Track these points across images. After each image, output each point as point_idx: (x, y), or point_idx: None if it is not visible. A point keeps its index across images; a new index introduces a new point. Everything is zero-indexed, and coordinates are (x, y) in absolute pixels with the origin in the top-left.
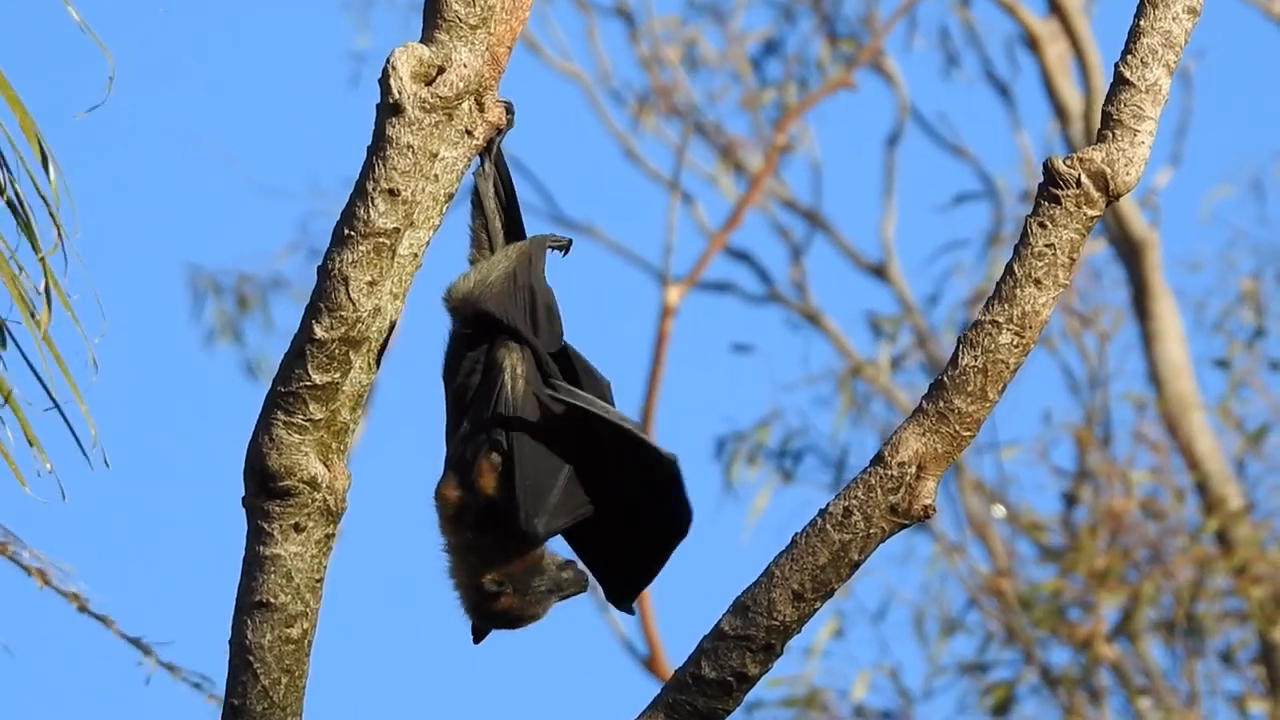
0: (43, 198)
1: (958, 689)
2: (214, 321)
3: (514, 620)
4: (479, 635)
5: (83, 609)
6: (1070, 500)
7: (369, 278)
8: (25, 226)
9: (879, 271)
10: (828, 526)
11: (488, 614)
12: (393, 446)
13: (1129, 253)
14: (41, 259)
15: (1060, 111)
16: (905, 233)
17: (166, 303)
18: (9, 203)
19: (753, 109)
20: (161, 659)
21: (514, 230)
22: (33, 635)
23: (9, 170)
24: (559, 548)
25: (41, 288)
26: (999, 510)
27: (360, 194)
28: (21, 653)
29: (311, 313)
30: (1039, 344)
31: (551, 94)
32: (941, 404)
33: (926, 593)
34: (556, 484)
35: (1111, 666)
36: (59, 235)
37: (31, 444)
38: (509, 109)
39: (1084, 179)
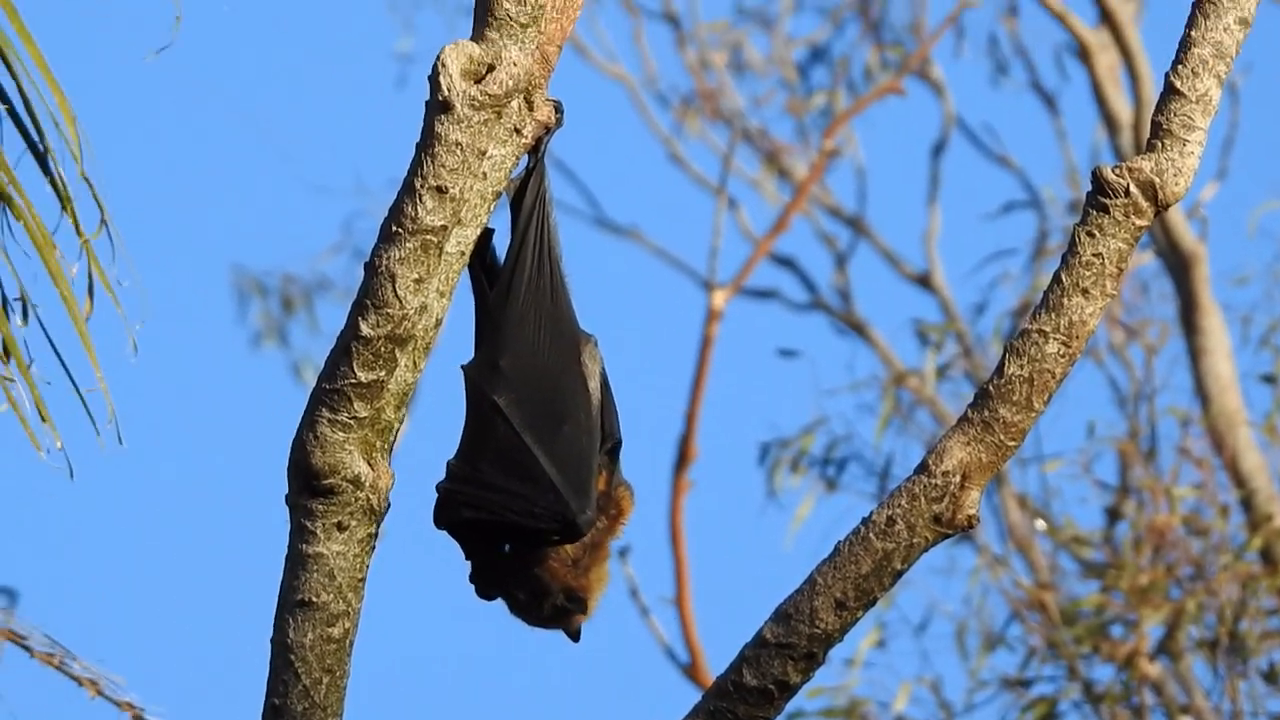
0: (86, 180)
1: (999, 703)
2: (259, 323)
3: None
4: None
5: (138, 718)
6: (1113, 515)
7: (416, 275)
8: (67, 206)
9: (923, 280)
10: (871, 535)
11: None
12: (436, 445)
13: (1177, 266)
14: (85, 241)
15: (1109, 121)
16: (950, 242)
17: (212, 303)
18: (53, 183)
19: (798, 115)
20: None
21: (515, 225)
22: None
23: (53, 155)
24: None
25: (71, 269)
26: (1041, 524)
27: (409, 191)
28: None
29: (358, 309)
30: (1085, 356)
31: (597, 96)
32: (987, 413)
33: (968, 605)
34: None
35: (1154, 684)
36: (103, 218)
37: (44, 420)
38: (558, 108)
39: (1133, 188)
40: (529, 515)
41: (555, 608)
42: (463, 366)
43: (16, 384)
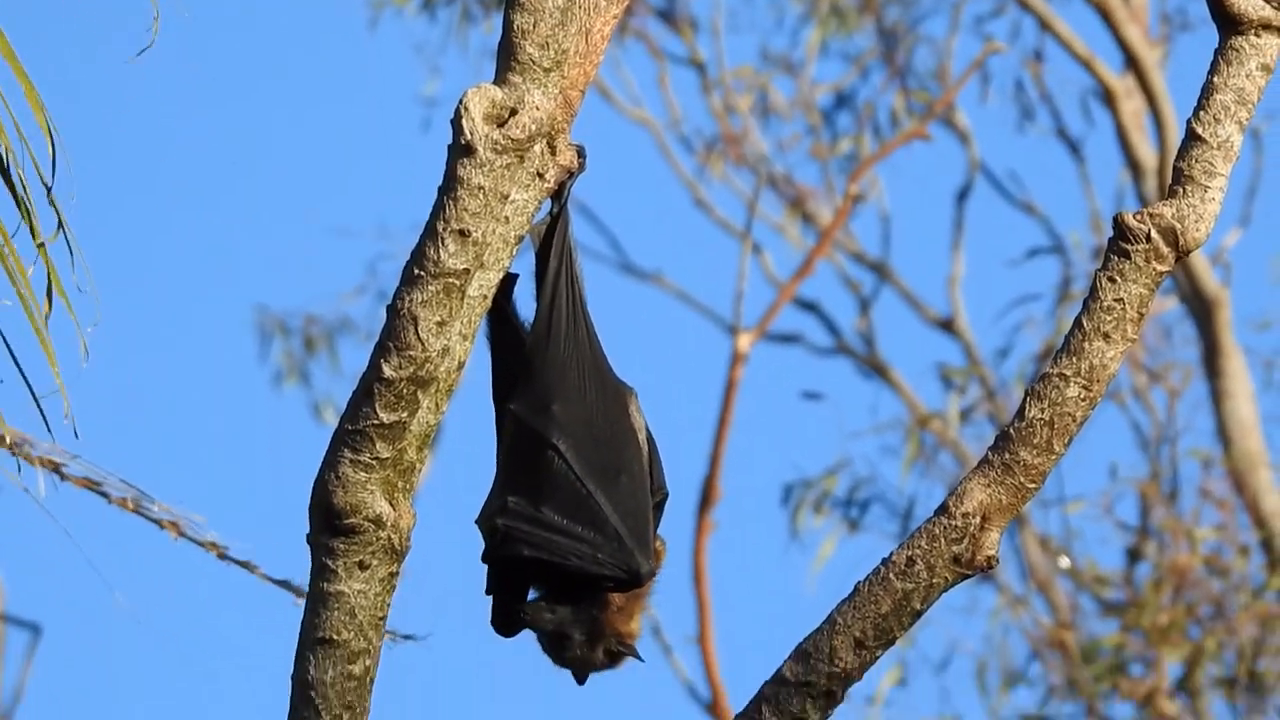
0: (45, 185)
1: None
2: (281, 363)
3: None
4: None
5: (222, 556)
6: (1134, 555)
7: (438, 318)
8: (25, 213)
9: (946, 325)
10: (890, 575)
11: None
12: (458, 487)
13: (1200, 310)
14: (40, 245)
15: (1134, 167)
16: (973, 287)
17: (234, 343)
18: (10, 187)
19: (823, 159)
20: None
21: (540, 270)
22: (172, 592)
23: (13, 155)
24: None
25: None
26: (1064, 561)
27: (430, 234)
28: (163, 612)
29: (380, 351)
30: (1108, 399)
31: (621, 140)
32: (1007, 455)
33: (989, 644)
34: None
35: None
36: (60, 222)
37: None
38: (581, 152)
39: (1154, 234)
40: (594, 561)
41: (608, 651)
42: (511, 407)
43: None
